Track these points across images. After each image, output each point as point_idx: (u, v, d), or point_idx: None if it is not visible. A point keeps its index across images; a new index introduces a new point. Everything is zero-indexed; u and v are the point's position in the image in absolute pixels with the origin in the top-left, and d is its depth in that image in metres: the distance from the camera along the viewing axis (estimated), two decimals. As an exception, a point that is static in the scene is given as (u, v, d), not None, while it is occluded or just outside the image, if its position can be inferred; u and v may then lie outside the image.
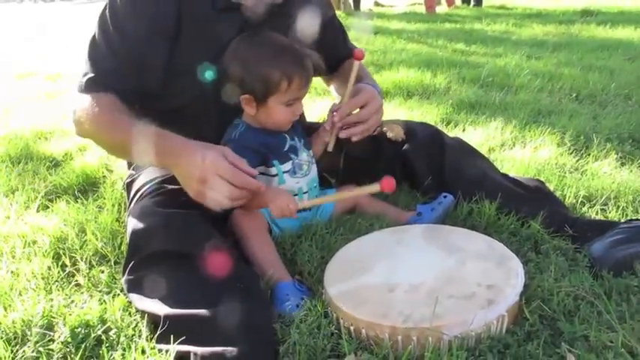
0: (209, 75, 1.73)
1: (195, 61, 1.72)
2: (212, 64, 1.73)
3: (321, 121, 2.74)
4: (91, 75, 1.73)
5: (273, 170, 1.75)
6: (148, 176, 1.80)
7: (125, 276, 1.53)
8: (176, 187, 1.64)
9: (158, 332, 1.35)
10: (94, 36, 1.76)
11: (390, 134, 1.99)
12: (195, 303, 1.35)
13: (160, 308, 1.38)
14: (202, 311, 1.33)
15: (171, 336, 1.31)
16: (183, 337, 1.30)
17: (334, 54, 2.10)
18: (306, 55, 1.70)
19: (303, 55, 1.69)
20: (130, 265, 1.52)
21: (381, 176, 1.63)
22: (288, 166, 1.77)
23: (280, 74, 1.64)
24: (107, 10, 1.74)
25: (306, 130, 1.91)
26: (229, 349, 1.24)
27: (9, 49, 7.49)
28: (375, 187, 1.58)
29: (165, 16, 1.72)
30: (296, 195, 1.79)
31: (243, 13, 1.78)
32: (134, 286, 1.50)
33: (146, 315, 1.44)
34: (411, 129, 2.02)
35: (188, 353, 1.28)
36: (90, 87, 1.72)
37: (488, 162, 2.06)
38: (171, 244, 1.50)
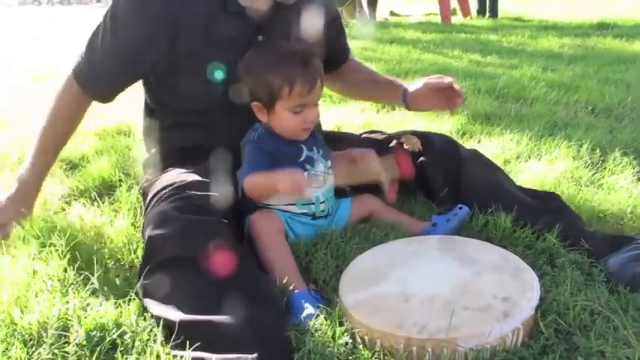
0: (218, 75, 1.78)
1: (204, 64, 1.79)
2: (222, 66, 1.79)
3: (336, 129, 2.76)
4: (79, 60, 1.94)
5: None
6: (165, 181, 1.81)
7: (141, 281, 1.53)
8: (194, 192, 1.66)
9: (173, 338, 1.35)
10: (97, 27, 1.88)
11: (406, 145, 1.99)
12: (211, 309, 1.36)
13: (175, 314, 1.39)
14: (217, 318, 1.33)
15: (187, 342, 1.31)
16: (198, 344, 1.31)
17: (337, 55, 2.17)
18: (310, 60, 1.71)
19: (306, 61, 1.70)
20: (146, 269, 1.53)
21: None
22: None
23: (281, 80, 1.67)
24: (111, 8, 1.84)
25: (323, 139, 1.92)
26: (244, 356, 1.25)
27: (25, 51, 7.55)
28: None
29: (168, 19, 1.77)
30: (313, 204, 1.79)
31: (252, 16, 1.82)
32: (149, 291, 1.50)
33: (161, 320, 1.45)
34: (428, 140, 2.02)
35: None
36: (73, 71, 1.95)
37: (504, 174, 2.05)
38: (188, 249, 1.50)
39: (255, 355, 1.24)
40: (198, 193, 1.67)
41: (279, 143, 1.76)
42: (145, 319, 1.48)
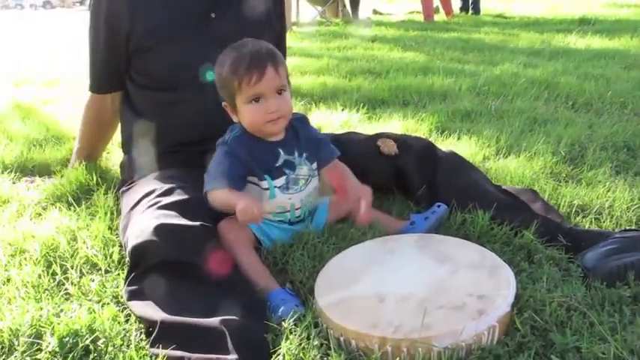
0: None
1: (162, 41, 1.96)
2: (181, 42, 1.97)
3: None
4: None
5: (265, 184, 1.73)
6: (146, 188, 1.81)
7: (126, 287, 1.55)
8: (175, 199, 1.69)
9: (153, 335, 1.36)
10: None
11: (383, 149, 2.00)
12: (193, 312, 1.37)
13: (158, 314, 1.40)
14: (199, 319, 1.35)
15: (166, 340, 1.32)
16: (178, 343, 1.31)
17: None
18: (257, 49, 1.69)
19: (251, 51, 1.68)
20: (132, 276, 1.55)
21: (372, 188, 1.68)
22: (280, 181, 1.74)
23: (230, 74, 1.67)
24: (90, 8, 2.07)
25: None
26: (223, 357, 1.26)
27: (7, 56, 7.49)
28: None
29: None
30: (288, 212, 1.78)
31: None
32: (134, 296, 1.51)
33: (143, 323, 1.46)
34: (405, 143, 2.03)
35: (181, 359, 1.29)
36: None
37: (482, 174, 2.06)
38: (172, 255, 1.52)
39: (235, 357, 1.25)
40: (180, 198, 1.68)
41: (254, 147, 1.73)
42: (119, 323, 1.47)
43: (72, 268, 1.73)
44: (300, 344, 1.32)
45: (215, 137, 1.79)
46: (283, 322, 1.38)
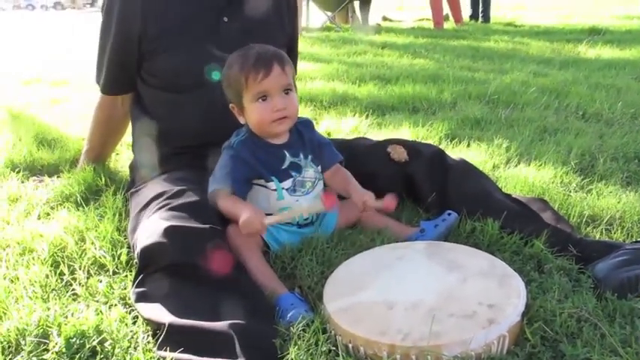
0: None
1: (173, 43, 1.97)
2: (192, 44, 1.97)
3: (326, 134, 2.73)
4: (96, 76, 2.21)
5: (273, 185, 1.74)
6: (155, 190, 1.81)
7: (134, 288, 1.54)
8: (185, 201, 1.69)
9: (161, 338, 1.36)
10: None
11: (394, 155, 1.99)
12: (201, 315, 1.37)
13: (166, 316, 1.40)
14: (207, 323, 1.34)
15: (174, 344, 1.32)
16: (186, 346, 1.31)
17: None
18: (264, 49, 1.71)
19: (259, 50, 1.70)
20: (140, 278, 1.54)
21: (381, 194, 1.66)
22: (287, 183, 1.75)
23: (237, 72, 1.68)
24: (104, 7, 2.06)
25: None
26: None
27: (17, 55, 7.52)
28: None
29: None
30: None
31: None
32: (142, 297, 1.51)
33: (150, 325, 1.45)
34: (415, 149, 2.03)
35: None
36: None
37: (492, 182, 2.05)
38: (181, 258, 1.51)
39: None
40: (190, 200, 1.69)
41: (260, 150, 1.74)
42: (126, 325, 1.47)
43: (80, 269, 1.73)
44: (308, 350, 1.31)
45: (223, 140, 1.79)
46: (291, 328, 1.38)
